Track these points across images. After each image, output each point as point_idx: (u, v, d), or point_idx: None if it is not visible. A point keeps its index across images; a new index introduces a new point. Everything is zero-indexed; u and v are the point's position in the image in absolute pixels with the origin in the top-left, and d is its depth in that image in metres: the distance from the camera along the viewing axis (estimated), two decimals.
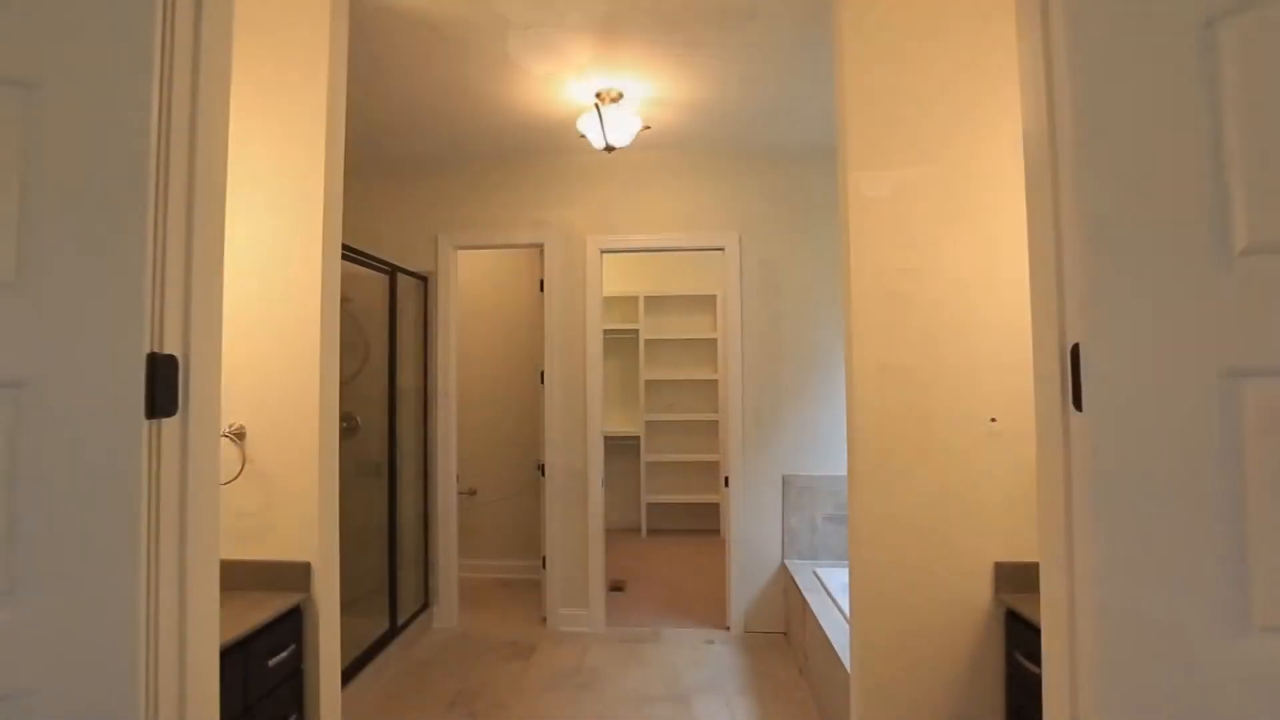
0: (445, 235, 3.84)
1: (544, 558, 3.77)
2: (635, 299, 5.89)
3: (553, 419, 3.76)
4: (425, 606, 3.75)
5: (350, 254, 2.97)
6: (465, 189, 3.87)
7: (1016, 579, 1.86)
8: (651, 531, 5.92)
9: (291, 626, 1.86)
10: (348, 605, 3.85)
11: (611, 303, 5.84)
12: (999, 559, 1.88)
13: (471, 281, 4.81)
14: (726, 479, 3.72)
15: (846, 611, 2.97)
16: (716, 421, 5.85)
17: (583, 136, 3.13)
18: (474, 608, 4.09)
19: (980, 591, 1.89)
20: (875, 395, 1.92)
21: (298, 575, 1.92)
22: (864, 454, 1.92)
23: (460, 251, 4.00)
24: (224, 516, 2.05)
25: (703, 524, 5.99)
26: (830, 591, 3.15)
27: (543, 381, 3.80)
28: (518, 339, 4.76)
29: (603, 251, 3.79)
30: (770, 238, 3.73)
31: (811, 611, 3.01)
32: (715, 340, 5.86)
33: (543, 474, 3.78)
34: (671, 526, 6.02)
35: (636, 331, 5.89)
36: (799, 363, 3.71)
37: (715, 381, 5.86)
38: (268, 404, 1.95)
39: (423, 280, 3.84)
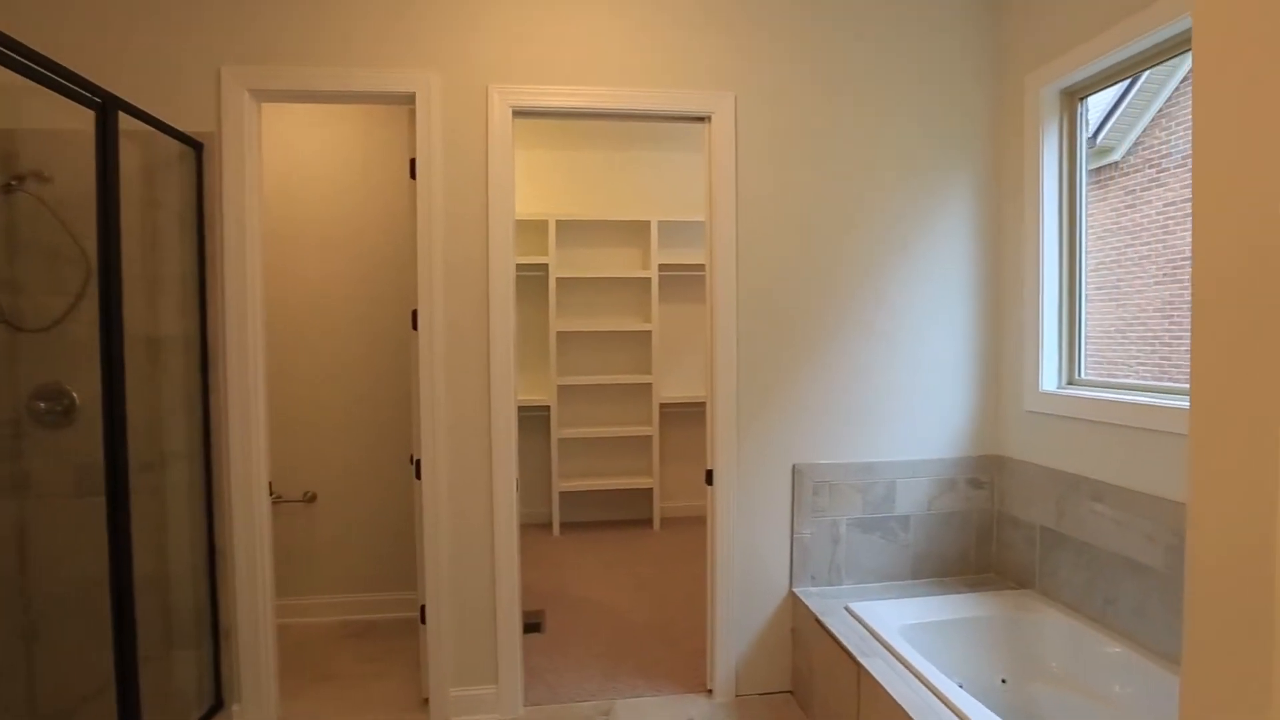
0: (235, 72, 2.21)
1: (422, 608, 2.36)
2: (544, 223, 4.44)
3: (432, 388, 2.31)
4: (218, 706, 2.24)
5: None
6: None
7: None
8: (565, 526, 4.62)
9: None
10: None
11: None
12: None
13: (301, 161, 3.15)
14: (710, 473, 2.47)
15: (936, 683, 1.84)
16: (650, 384, 4.59)
17: None
18: (309, 684, 2.61)
19: None
20: None
21: None
22: None
23: (268, 105, 2.40)
24: None
25: (627, 513, 4.78)
26: (892, 646, 2.00)
27: (415, 327, 2.34)
28: (393, 258, 3.20)
29: (516, 113, 2.34)
30: (787, 101, 2.44)
31: (881, 690, 1.85)
32: (648, 280, 4.56)
33: (417, 476, 2.34)
34: (589, 519, 4.76)
35: (546, 267, 4.45)
36: (826, 296, 2.49)
37: (648, 333, 4.58)
38: None
39: (195, 147, 2.20)
